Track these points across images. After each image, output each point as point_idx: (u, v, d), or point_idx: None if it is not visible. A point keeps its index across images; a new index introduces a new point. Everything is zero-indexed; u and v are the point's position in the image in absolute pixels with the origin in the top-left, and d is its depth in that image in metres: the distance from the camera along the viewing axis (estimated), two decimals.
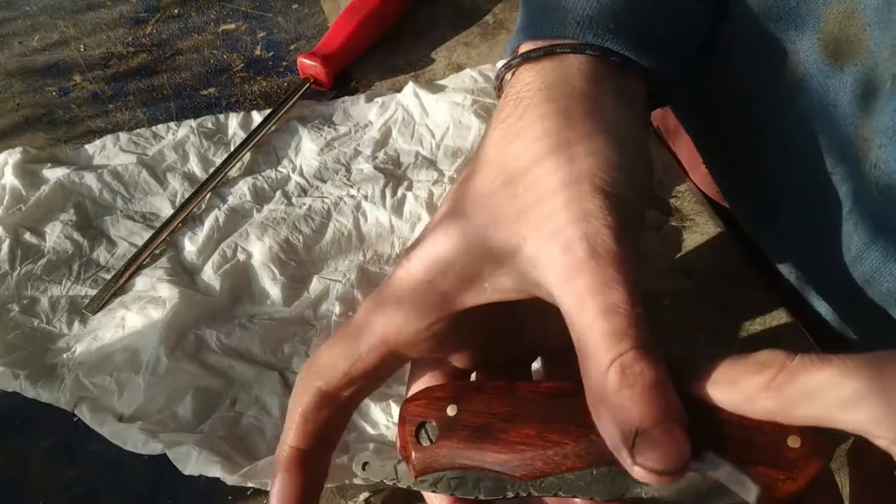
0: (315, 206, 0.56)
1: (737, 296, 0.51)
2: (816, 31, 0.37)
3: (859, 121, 0.36)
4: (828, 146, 0.40)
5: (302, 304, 0.51)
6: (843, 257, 0.41)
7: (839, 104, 0.37)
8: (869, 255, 0.39)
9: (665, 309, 0.51)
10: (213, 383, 0.47)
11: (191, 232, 0.55)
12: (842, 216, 0.40)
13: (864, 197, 0.38)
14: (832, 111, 0.38)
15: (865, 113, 0.36)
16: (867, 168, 0.36)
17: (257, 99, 0.64)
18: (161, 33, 0.69)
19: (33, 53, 0.67)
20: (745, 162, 0.48)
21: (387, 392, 0.47)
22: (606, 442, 0.27)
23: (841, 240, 0.41)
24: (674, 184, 0.57)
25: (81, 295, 0.52)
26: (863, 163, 0.36)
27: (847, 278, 0.41)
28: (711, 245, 0.54)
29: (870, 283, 0.40)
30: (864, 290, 0.40)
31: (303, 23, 0.70)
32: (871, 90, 0.35)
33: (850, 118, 0.37)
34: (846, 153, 0.38)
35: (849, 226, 0.40)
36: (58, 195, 0.56)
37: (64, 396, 0.46)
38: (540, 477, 0.29)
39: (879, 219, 0.37)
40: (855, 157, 0.37)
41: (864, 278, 0.40)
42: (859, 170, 0.37)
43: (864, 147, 0.36)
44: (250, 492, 0.44)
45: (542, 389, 0.30)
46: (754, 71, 0.43)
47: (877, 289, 0.40)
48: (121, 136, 0.60)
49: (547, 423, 0.29)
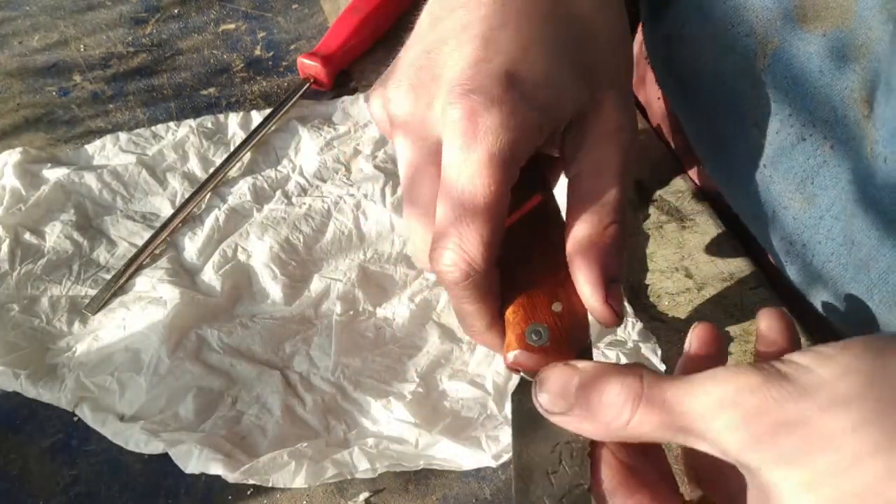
0: (315, 206, 0.56)
1: (737, 296, 0.51)
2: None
3: (854, 92, 0.37)
4: (822, 126, 0.40)
5: (303, 304, 0.51)
6: (849, 255, 0.41)
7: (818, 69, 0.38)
8: (880, 254, 0.39)
9: (665, 309, 0.51)
10: (215, 383, 0.47)
11: (191, 232, 0.55)
12: (842, 210, 0.40)
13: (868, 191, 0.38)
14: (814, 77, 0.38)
15: (845, 75, 0.36)
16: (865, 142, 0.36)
17: (257, 99, 0.64)
18: (161, 33, 0.69)
19: (33, 53, 0.67)
20: (729, 143, 0.48)
21: (387, 389, 0.47)
22: (584, 281, 0.31)
23: (845, 237, 0.41)
24: (671, 178, 0.57)
25: (81, 295, 0.51)
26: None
27: (854, 277, 0.41)
28: (711, 245, 0.54)
29: (880, 281, 0.40)
30: (873, 289, 0.40)
31: (303, 23, 0.70)
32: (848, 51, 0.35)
33: (831, 83, 0.37)
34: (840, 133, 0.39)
35: (857, 221, 0.40)
36: (58, 195, 0.56)
37: (65, 396, 0.46)
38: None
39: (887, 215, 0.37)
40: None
41: (872, 277, 0.40)
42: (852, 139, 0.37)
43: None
44: (251, 491, 0.44)
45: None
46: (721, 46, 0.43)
47: (884, 288, 0.39)
48: (121, 136, 0.60)
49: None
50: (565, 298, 0.32)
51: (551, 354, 0.31)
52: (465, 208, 0.30)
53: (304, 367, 0.49)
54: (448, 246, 0.30)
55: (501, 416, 0.46)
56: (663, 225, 0.55)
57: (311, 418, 0.46)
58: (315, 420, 0.46)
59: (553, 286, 0.32)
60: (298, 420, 0.46)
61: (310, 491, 0.44)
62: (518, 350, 0.31)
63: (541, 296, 0.32)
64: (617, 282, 0.32)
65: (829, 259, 0.42)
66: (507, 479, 0.44)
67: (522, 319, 0.32)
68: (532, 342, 0.31)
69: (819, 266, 0.43)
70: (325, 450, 0.44)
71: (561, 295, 0.32)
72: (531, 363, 0.31)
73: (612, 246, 0.31)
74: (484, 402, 0.47)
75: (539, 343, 0.31)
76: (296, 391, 0.47)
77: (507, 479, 0.44)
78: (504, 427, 0.45)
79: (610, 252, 0.31)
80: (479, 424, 0.46)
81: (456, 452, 0.44)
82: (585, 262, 0.31)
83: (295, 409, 0.47)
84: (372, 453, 0.44)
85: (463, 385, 0.47)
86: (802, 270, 0.45)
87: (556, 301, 0.32)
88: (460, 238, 0.30)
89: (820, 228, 0.42)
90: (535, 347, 0.31)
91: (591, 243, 0.31)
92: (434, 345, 0.49)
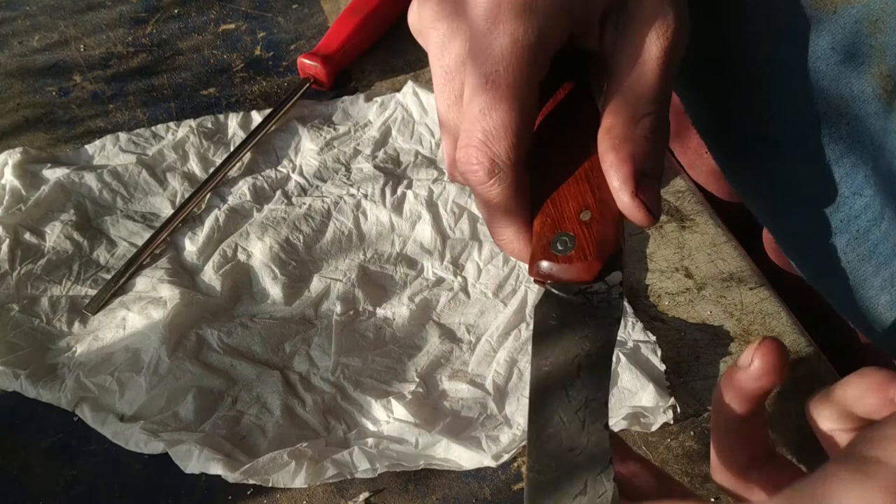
0: (315, 206, 0.56)
1: (737, 296, 0.51)
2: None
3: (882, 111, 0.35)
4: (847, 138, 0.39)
5: (303, 303, 0.51)
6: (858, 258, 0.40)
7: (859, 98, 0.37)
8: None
9: (665, 309, 0.51)
10: (215, 383, 0.47)
11: (191, 232, 0.55)
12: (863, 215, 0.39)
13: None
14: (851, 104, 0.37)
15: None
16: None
17: (257, 99, 0.64)
18: (161, 33, 0.69)
19: (33, 53, 0.67)
20: (752, 146, 0.47)
21: (387, 389, 0.47)
22: (613, 175, 0.29)
23: (860, 242, 0.40)
24: (671, 178, 0.57)
25: (81, 295, 0.52)
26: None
27: (868, 280, 0.40)
28: (711, 245, 0.54)
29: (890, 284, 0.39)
30: (885, 290, 0.40)
31: (303, 23, 0.70)
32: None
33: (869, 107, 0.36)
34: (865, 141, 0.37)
35: (878, 230, 0.39)
36: (58, 195, 0.56)
37: (65, 396, 0.46)
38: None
39: None
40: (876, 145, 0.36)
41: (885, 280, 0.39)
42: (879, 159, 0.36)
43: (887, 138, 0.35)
44: (250, 491, 0.44)
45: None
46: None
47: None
48: (121, 136, 0.60)
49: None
50: (595, 203, 0.30)
51: (576, 263, 0.29)
52: (489, 97, 0.28)
53: (304, 367, 0.49)
54: (472, 142, 0.28)
55: (501, 416, 0.46)
56: (663, 225, 0.55)
57: (311, 418, 0.46)
58: (315, 420, 0.46)
59: (584, 191, 0.31)
60: (298, 420, 0.46)
61: (310, 491, 0.44)
62: (542, 260, 0.30)
63: (569, 202, 0.31)
64: (651, 177, 0.29)
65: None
66: (507, 478, 0.44)
67: (549, 229, 0.30)
68: (557, 252, 0.30)
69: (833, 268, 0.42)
70: (325, 450, 0.44)
71: (590, 201, 0.30)
72: (555, 273, 0.30)
73: (645, 138, 0.29)
74: (484, 402, 0.47)
75: (564, 252, 0.30)
76: (296, 391, 0.48)
77: (507, 478, 0.44)
78: (504, 427, 0.45)
79: (643, 144, 0.29)
80: (479, 424, 0.46)
81: (456, 452, 0.44)
82: (615, 154, 0.29)
83: (295, 409, 0.47)
84: (372, 453, 0.44)
85: (463, 385, 0.48)
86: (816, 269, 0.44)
87: (586, 209, 0.30)
88: (483, 132, 0.28)
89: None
90: (559, 257, 0.30)
91: (623, 135, 0.29)
92: (434, 345, 0.49)
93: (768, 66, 0.40)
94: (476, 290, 0.52)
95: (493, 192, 0.29)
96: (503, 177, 0.29)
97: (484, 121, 0.28)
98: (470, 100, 0.29)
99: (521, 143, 0.29)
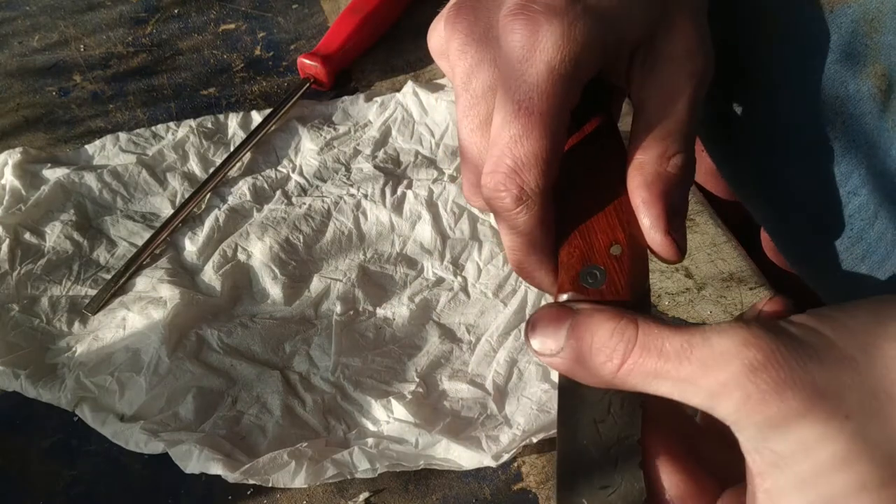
0: (315, 206, 0.56)
1: (737, 296, 0.51)
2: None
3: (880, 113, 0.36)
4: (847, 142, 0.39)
5: (303, 303, 0.51)
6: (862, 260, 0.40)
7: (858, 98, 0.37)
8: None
9: (665, 309, 0.51)
10: (215, 383, 0.47)
11: (191, 232, 0.55)
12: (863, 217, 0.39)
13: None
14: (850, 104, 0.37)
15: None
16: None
17: (257, 99, 0.64)
18: (161, 33, 0.69)
19: (33, 53, 0.67)
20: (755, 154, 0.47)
21: (387, 389, 0.47)
22: (645, 212, 0.29)
23: (862, 243, 0.40)
24: None
25: (81, 295, 0.52)
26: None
27: (864, 280, 0.40)
28: (711, 245, 0.54)
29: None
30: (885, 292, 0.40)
31: (303, 23, 0.70)
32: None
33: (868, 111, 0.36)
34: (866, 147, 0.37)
35: (878, 225, 0.39)
36: (58, 195, 0.56)
37: (65, 396, 0.46)
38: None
39: None
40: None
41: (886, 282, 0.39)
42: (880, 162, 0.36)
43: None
44: (250, 491, 0.44)
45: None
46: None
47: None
48: (121, 136, 0.60)
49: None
50: (626, 238, 0.30)
51: (608, 298, 0.29)
52: (521, 125, 0.28)
53: (304, 367, 0.49)
54: (501, 169, 0.28)
55: (501, 416, 0.46)
56: None
57: (311, 418, 0.46)
58: (315, 420, 0.46)
59: (613, 225, 0.30)
60: (298, 420, 0.46)
61: (310, 491, 0.44)
62: (571, 293, 0.29)
63: (598, 235, 0.30)
64: (680, 215, 0.30)
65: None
66: (507, 478, 0.44)
67: (577, 260, 0.30)
68: (587, 284, 0.29)
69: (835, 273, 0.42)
70: (325, 450, 0.44)
71: (620, 236, 0.30)
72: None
73: (676, 176, 0.30)
74: (484, 402, 0.47)
75: (594, 286, 0.29)
76: (296, 391, 0.48)
77: (508, 478, 0.44)
78: (504, 427, 0.45)
79: (674, 182, 0.30)
80: (479, 424, 0.46)
81: (456, 452, 0.44)
82: (647, 191, 0.29)
83: (295, 409, 0.47)
84: (372, 453, 0.44)
85: (463, 385, 0.48)
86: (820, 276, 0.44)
87: (616, 243, 0.30)
88: (513, 159, 0.28)
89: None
90: (589, 290, 0.29)
91: (655, 173, 0.29)
92: (434, 345, 0.49)
93: (765, 66, 0.41)
94: (476, 290, 0.52)
95: (519, 220, 0.29)
96: (531, 205, 0.29)
97: (515, 148, 0.28)
98: (501, 126, 0.29)
99: (551, 172, 0.29)
